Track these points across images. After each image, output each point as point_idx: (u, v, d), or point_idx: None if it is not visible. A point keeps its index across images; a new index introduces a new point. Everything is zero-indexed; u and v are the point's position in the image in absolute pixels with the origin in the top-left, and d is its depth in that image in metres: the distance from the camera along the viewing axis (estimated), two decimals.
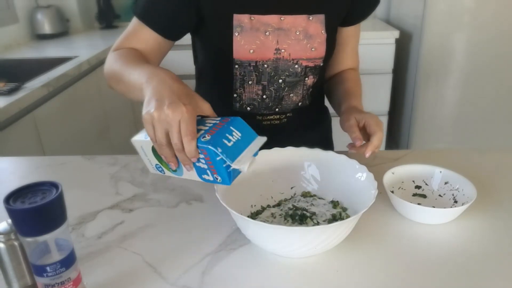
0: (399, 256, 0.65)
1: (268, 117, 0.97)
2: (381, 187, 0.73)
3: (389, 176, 0.80)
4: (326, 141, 1.13)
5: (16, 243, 0.53)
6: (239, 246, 0.68)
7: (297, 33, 0.87)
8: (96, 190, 0.86)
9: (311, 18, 0.88)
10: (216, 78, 0.97)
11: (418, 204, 0.71)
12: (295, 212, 0.72)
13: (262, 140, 0.64)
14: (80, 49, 2.18)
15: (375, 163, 0.92)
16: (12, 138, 1.40)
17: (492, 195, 0.80)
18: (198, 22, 0.87)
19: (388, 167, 0.81)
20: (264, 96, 0.93)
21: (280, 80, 0.92)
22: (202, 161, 0.60)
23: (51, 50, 2.21)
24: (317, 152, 0.78)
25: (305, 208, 0.74)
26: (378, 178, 0.69)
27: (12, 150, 1.38)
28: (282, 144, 0.80)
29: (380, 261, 0.64)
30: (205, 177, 0.63)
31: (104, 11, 2.77)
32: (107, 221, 0.75)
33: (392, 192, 0.75)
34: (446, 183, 0.80)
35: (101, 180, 0.90)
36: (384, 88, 2.44)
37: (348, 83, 0.99)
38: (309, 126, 1.04)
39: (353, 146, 0.79)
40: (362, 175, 0.71)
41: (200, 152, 0.59)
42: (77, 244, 0.69)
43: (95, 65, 2.00)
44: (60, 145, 1.68)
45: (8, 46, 2.26)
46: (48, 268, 0.50)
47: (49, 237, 0.49)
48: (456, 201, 0.76)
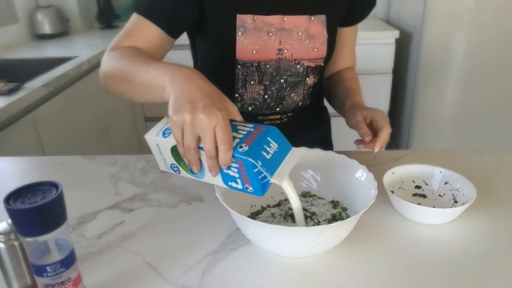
0: (399, 256, 0.65)
1: (269, 117, 0.97)
2: (381, 187, 0.73)
3: (389, 176, 0.80)
4: (326, 141, 1.14)
5: (16, 243, 0.53)
6: (239, 246, 0.67)
7: (299, 34, 0.88)
8: (96, 190, 0.86)
9: (313, 19, 0.88)
10: (218, 79, 0.96)
11: (418, 204, 0.71)
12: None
13: (299, 153, 0.61)
14: (80, 49, 2.18)
15: (375, 163, 0.92)
16: (12, 138, 1.40)
17: (492, 195, 0.80)
18: (199, 22, 0.87)
19: (388, 167, 0.81)
20: (266, 96, 0.93)
21: (282, 80, 0.92)
22: (234, 170, 0.57)
23: (51, 50, 2.21)
24: (317, 152, 0.78)
25: (305, 208, 0.74)
26: (378, 178, 0.69)
27: (12, 150, 1.38)
28: None
29: (380, 261, 0.64)
30: (232, 185, 0.60)
31: (104, 11, 2.77)
32: (107, 221, 0.75)
33: (392, 192, 0.75)
34: (446, 183, 0.80)
35: (101, 180, 0.90)
36: (384, 88, 2.44)
37: (348, 82, 0.99)
38: (309, 126, 1.05)
39: (361, 142, 0.80)
40: (362, 175, 0.71)
41: (235, 162, 0.56)
42: (77, 244, 0.69)
43: (95, 65, 2.00)
44: (60, 145, 1.68)
45: (8, 46, 2.26)
46: (48, 268, 0.50)
47: (49, 237, 0.49)
48: (456, 201, 0.76)
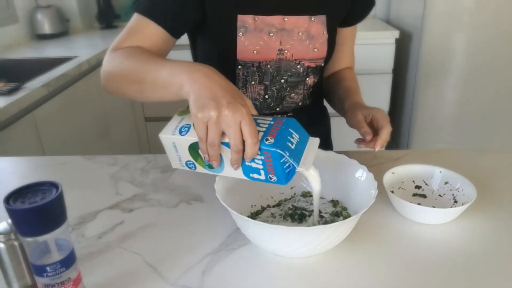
0: (399, 256, 0.65)
1: None
2: (381, 187, 0.73)
3: (389, 176, 0.80)
4: (326, 141, 1.13)
5: (16, 243, 0.53)
6: (239, 246, 0.67)
7: (300, 34, 0.88)
8: (96, 190, 0.86)
9: (313, 19, 0.88)
10: None
11: (418, 204, 0.71)
12: (295, 212, 0.72)
13: (317, 141, 0.64)
14: (80, 49, 2.18)
15: (375, 163, 0.92)
16: (12, 138, 1.40)
17: (492, 195, 0.80)
18: (200, 22, 0.87)
19: (388, 167, 0.81)
20: (266, 96, 0.93)
21: (282, 80, 0.92)
22: (258, 162, 0.58)
23: (51, 50, 2.21)
24: (317, 152, 0.78)
25: (305, 208, 0.74)
26: (378, 178, 0.69)
27: (12, 150, 1.38)
28: None
29: (380, 261, 0.64)
30: (254, 176, 0.61)
31: (104, 11, 2.77)
32: (107, 221, 0.75)
33: (392, 192, 0.75)
34: (446, 183, 0.80)
35: (101, 180, 0.90)
36: (384, 88, 2.44)
37: (348, 82, 0.99)
38: (309, 126, 1.04)
39: (362, 141, 0.80)
40: (362, 175, 0.71)
41: (261, 154, 0.57)
42: (77, 244, 0.69)
43: (95, 65, 2.00)
44: (60, 145, 1.68)
45: (8, 46, 2.26)
46: (48, 268, 0.50)
47: (49, 237, 0.49)
48: (456, 201, 0.76)
